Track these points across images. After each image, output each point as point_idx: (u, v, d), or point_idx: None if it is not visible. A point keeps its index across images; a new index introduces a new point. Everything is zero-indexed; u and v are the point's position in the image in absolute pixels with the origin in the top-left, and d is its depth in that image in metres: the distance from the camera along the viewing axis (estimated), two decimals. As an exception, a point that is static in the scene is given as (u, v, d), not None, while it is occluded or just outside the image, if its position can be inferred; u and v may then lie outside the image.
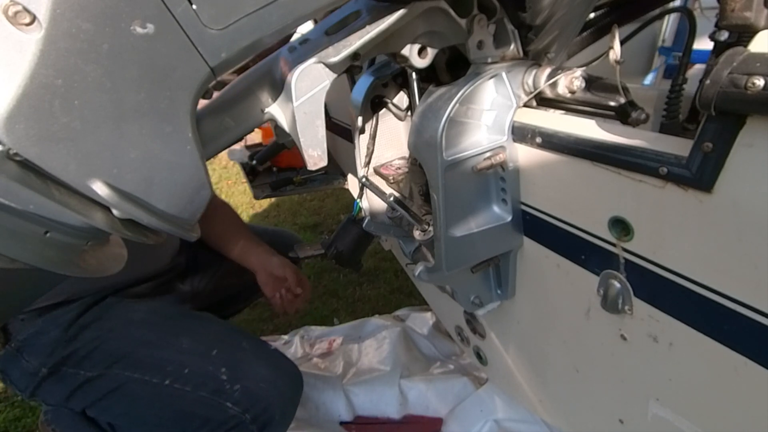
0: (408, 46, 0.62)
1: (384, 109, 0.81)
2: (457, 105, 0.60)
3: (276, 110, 0.57)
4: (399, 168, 0.83)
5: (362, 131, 0.81)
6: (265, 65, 0.58)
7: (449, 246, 0.67)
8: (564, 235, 0.61)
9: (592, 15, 0.82)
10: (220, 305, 1.41)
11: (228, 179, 3.61)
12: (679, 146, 0.45)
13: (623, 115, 0.55)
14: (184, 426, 0.99)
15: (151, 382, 0.96)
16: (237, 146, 2.35)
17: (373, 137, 0.82)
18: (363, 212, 0.88)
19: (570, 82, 0.59)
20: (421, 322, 1.61)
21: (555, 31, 0.65)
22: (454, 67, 0.72)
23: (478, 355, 1.02)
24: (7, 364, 0.99)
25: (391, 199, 0.82)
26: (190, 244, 1.26)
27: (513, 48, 0.65)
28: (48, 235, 0.41)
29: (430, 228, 0.73)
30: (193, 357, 0.98)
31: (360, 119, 0.79)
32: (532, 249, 0.69)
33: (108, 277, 0.48)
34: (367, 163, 0.82)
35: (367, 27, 0.54)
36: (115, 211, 0.42)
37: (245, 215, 3.01)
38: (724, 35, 0.56)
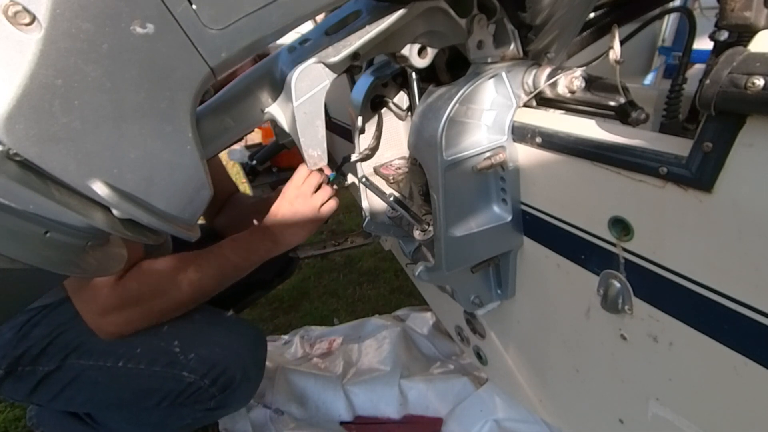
0: (408, 46, 0.62)
1: (384, 109, 0.81)
2: (457, 105, 0.60)
3: (276, 110, 0.57)
4: (399, 168, 0.83)
5: (362, 131, 0.81)
6: (265, 65, 0.58)
7: (449, 246, 0.67)
8: (564, 235, 0.61)
9: (592, 15, 0.82)
10: (217, 305, 1.40)
11: (228, 179, 3.59)
12: (679, 146, 0.45)
13: (623, 115, 0.55)
14: (145, 402, 1.02)
15: (105, 367, 0.98)
16: (237, 146, 2.35)
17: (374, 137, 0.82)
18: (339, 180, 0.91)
19: (570, 82, 0.59)
20: (421, 322, 1.61)
21: (555, 31, 0.65)
22: (454, 67, 0.72)
23: (478, 355, 1.02)
24: None
25: (391, 199, 0.82)
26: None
27: (513, 48, 0.65)
28: (48, 235, 0.41)
29: (430, 228, 0.73)
30: (142, 337, 1.00)
31: (360, 119, 0.79)
32: (532, 249, 0.69)
33: None
34: (363, 159, 0.82)
35: (367, 27, 0.54)
36: (115, 211, 0.42)
37: (245, 215, 3.00)
38: (724, 35, 0.56)
